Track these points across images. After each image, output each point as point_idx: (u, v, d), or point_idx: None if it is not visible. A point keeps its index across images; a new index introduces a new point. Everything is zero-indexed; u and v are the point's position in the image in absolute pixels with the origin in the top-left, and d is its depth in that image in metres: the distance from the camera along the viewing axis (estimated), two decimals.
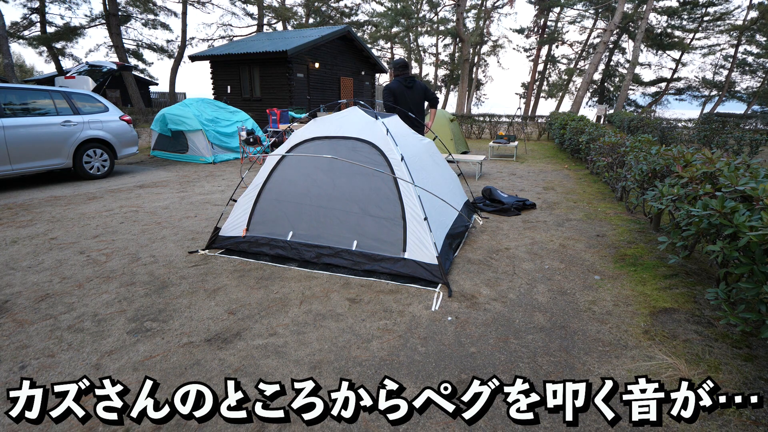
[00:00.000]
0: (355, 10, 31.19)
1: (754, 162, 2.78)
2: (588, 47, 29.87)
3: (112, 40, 20.52)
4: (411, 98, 5.14)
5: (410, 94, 5.14)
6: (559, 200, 5.85)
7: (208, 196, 5.90)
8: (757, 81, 26.70)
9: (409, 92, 5.13)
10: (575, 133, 9.19)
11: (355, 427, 1.74)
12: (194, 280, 3.15)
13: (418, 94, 5.20)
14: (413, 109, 5.16)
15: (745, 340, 2.33)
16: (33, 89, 6.47)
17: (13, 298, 2.85)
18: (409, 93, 5.13)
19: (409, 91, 5.13)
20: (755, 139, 9.17)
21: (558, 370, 2.11)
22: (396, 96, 5.09)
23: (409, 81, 5.15)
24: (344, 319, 2.61)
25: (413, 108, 5.16)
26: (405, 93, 5.11)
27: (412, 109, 5.14)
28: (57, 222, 4.61)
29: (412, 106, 5.16)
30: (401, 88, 5.10)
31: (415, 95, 5.17)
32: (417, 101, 5.21)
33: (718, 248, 2.18)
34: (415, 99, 5.18)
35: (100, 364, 2.14)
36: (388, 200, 3.31)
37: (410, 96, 5.14)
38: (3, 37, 13.42)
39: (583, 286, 3.12)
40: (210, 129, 8.99)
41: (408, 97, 5.12)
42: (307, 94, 15.45)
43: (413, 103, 5.17)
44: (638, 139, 5.09)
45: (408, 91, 5.12)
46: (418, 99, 5.22)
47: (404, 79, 5.13)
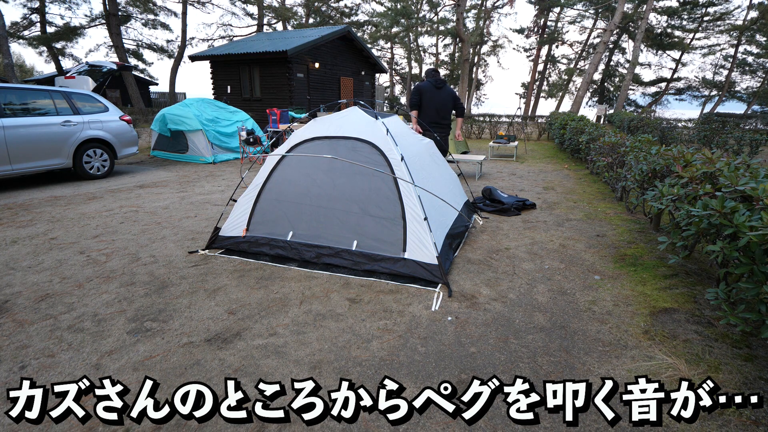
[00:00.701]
0: (355, 10, 31.20)
1: (754, 162, 2.78)
2: (588, 47, 29.86)
3: (112, 40, 20.51)
4: (438, 99, 5.28)
5: (438, 96, 5.28)
6: (559, 200, 5.85)
7: (208, 196, 5.90)
8: (757, 81, 26.69)
9: (438, 93, 5.27)
10: (575, 133, 9.19)
11: (355, 427, 1.74)
12: (194, 280, 3.15)
13: (445, 97, 5.32)
14: (440, 109, 5.29)
15: (745, 340, 2.33)
16: (33, 89, 6.47)
17: (13, 298, 2.85)
18: (437, 94, 5.27)
19: (438, 92, 5.27)
20: (755, 139, 9.17)
21: (558, 370, 2.11)
22: (423, 95, 5.25)
23: (439, 82, 5.27)
24: (344, 319, 2.61)
25: (440, 108, 5.29)
26: (433, 93, 5.26)
27: (439, 110, 5.28)
28: (57, 222, 4.61)
29: (439, 106, 5.29)
30: (430, 87, 5.25)
31: (443, 96, 5.30)
32: (444, 103, 5.32)
33: (718, 248, 2.18)
34: (442, 100, 5.30)
35: (100, 364, 2.14)
36: (388, 200, 3.31)
37: (438, 97, 5.27)
38: (3, 37, 13.42)
39: (583, 286, 3.12)
40: (210, 129, 9.00)
41: (435, 97, 5.27)
42: (307, 94, 15.45)
43: (440, 104, 5.29)
44: (638, 139, 5.09)
45: (437, 91, 5.27)
46: (445, 101, 5.32)
47: (435, 81, 5.26)
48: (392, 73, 34.90)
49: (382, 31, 29.73)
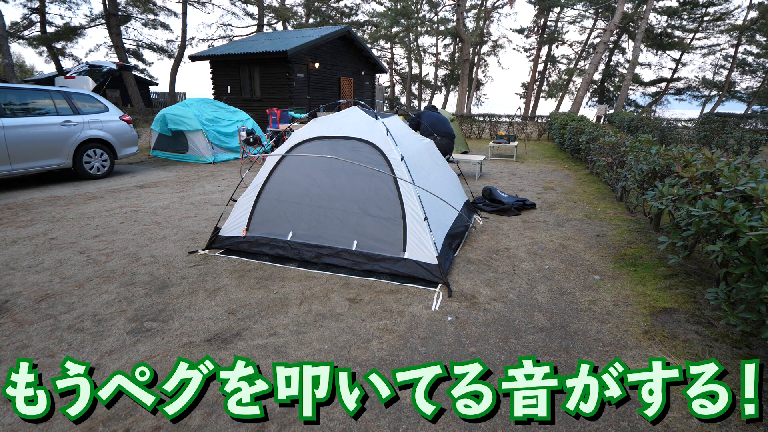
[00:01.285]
0: (355, 10, 31.19)
1: (754, 162, 2.78)
2: (588, 47, 29.87)
3: (112, 40, 20.51)
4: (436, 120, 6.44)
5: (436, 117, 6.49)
6: (559, 200, 5.85)
7: (208, 196, 5.90)
8: (757, 81, 26.70)
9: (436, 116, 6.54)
10: (575, 133, 9.18)
11: (355, 427, 1.74)
12: (194, 280, 3.15)
13: (443, 119, 6.50)
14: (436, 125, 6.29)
15: (745, 340, 2.33)
16: (33, 89, 6.47)
17: (13, 298, 2.85)
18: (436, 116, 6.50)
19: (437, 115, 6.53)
20: (755, 139, 9.17)
21: (558, 370, 2.11)
22: (421, 116, 6.37)
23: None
24: (344, 319, 2.61)
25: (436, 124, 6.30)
26: (431, 117, 6.38)
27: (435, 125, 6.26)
28: (57, 222, 4.61)
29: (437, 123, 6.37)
30: (429, 114, 6.42)
31: (441, 118, 6.48)
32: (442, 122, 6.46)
33: (718, 248, 2.18)
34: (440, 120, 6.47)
35: (100, 364, 2.14)
36: (388, 200, 3.31)
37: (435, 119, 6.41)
38: (3, 37, 13.42)
39: (583, 286, 3.12)
40: (210, 129, 9.00)
41: (434, 120, 6.40)
42: (307, 94, 15.46)
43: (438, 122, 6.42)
44: (638, 139, 5.09)
45: (436, 115, 6.51)
46: (443, 121, 6.45)
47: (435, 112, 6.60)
48: (392, 73, 34.92)
49: (382, 31, 29.74)
